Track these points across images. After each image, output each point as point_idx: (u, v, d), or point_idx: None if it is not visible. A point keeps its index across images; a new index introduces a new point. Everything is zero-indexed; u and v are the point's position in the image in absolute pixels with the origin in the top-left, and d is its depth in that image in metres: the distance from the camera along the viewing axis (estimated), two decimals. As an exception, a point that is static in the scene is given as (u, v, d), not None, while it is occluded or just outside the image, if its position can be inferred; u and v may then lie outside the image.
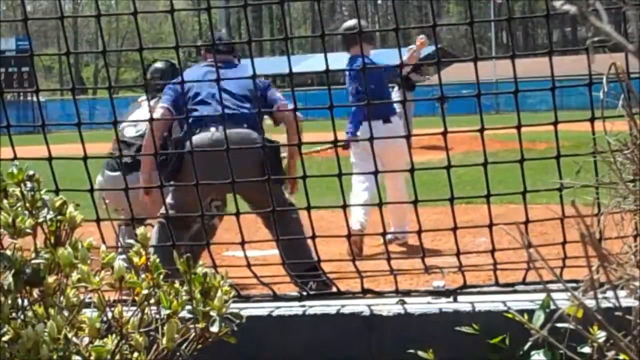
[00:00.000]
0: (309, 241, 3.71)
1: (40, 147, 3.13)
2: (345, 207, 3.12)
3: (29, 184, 2.05)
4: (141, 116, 5.62)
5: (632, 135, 2.13)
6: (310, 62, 40.81)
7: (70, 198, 2.13)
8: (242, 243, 3.13)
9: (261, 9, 72.02)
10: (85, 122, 4.48)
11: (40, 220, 2.03)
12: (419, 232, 3.11)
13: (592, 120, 2.82)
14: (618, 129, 2.38)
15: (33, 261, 1.94)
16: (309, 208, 3.12)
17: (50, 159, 3.08)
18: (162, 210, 4.42)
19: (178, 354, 2.04)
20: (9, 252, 1.93)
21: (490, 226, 3.00)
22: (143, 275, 2.03)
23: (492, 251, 3.04)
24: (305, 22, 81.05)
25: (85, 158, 3.08)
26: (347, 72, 7.39)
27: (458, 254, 3.05)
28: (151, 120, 3.76)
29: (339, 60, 6.93)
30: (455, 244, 3.09)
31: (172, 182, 4.60)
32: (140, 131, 5.68)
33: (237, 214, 3.20)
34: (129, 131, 5.77)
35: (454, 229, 3.04)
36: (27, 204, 2.03)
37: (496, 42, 49.12)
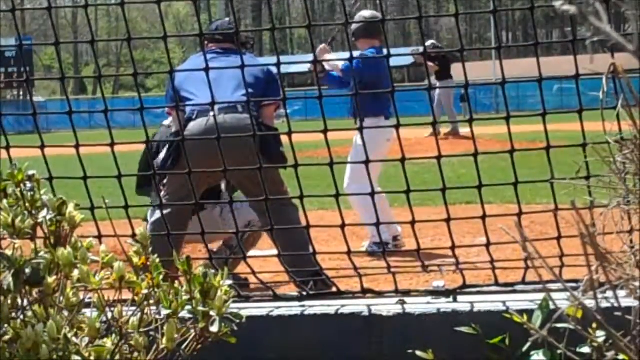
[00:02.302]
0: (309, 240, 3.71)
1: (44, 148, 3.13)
2: (338, 196, 3.12)
3: (28, 184, 2.05)
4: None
5: (633, 136, 2.13)
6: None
7: (70, 195, 2.13)
8: (241, 247, 3.13)
9: (261, 10, 71.97)
10: (78, 111, 4.48)
11: (40, 220, 2.03)
12: (412, 223, 3.10)
13: (580, 112, 2.85)
14: (617, 128, 2.38)
15: (33, 261, 1.94)
16: (301, 197, 3.12)
17: (42, 146, 3.10)
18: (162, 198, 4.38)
19: (178, 354, 2.04)
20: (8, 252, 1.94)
21: (484, 217, 3.00)
22: (143, 275, 2.03)
23: (487, 244, 3.03)
24: (305, 22, 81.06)
25: (77, 145, 3.10)
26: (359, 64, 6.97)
27: (453, 247, 3.05)
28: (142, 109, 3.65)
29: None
30: (455, 242, 3.09)
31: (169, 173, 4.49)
32: None
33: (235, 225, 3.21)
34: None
35: (447, 219, 3.04)
36: (27, 204, 2.03)
37: (496, 42, 49.08)
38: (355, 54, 7.70)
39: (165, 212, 4.03)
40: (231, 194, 5.04)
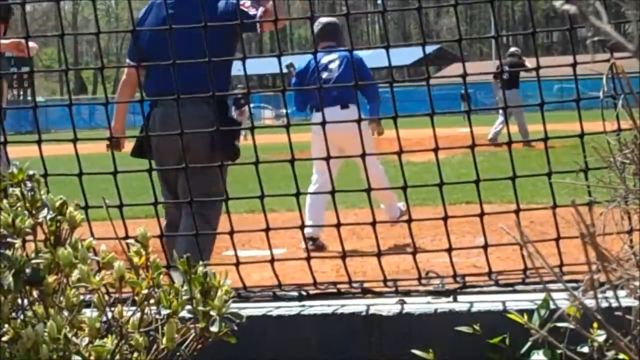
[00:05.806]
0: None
1: (42, 147, 3.13)
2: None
3: (29, 184, 2.05)
4: None
5: (632, 139, 2.14)
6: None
7: (70, 196, 2.13)
8: (237, 264, 3.15)
9: (261, 9, 71.77)
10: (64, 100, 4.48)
11: (40, 220, 2.03)
12: (409, 221, 3.10)
13: (581, 136, 2.86)
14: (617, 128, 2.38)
15: (33, 261, 1.94)
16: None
17: (39, 141, 3.11)
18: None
19: (178, 354, 2.04)
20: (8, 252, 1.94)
21: (482, 215, 3.00)
22: (143, 275, 2.03)
23: (484, 243, 3.03)
24: (305, 22, 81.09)
25: (75, 139, 3.11)
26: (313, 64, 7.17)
27: (449, 248, 3.06)
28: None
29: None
30: (455, 243, 3.09)
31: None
32: None
33: (231, 229, 3.22)
34: None
35: (445, 218, 3.05)
36: (27, 204, 2.03)
37: (496, 42, 49.08)
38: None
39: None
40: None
